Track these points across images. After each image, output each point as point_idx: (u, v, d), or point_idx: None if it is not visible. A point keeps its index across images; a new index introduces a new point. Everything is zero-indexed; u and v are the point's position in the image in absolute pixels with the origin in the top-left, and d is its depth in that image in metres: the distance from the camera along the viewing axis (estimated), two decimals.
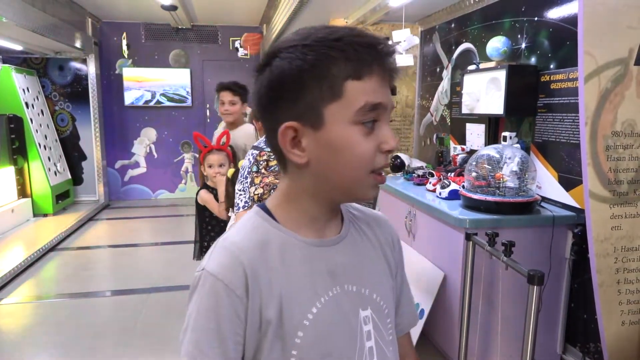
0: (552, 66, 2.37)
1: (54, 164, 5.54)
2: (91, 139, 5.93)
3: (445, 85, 3.60)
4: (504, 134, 2.61)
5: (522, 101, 2.47)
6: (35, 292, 3.43)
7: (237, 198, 1.82)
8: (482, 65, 2.87)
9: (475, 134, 3.06)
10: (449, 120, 3.53)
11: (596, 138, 1.61)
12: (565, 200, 2.28)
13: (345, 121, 0.59)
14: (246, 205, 1.79)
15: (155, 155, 6.37)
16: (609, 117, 1.60)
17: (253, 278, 0.61)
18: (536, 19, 2.49)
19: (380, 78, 0.60)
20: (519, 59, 2.63)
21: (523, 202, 2.15)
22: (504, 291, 2.08)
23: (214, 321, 0.60)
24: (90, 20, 5.52)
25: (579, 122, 1.94)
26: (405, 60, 3.28)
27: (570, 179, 2.26)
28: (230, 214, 2.15)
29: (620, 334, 1.72)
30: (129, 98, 6.11)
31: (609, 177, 1.63)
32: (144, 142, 6.34)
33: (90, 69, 5.74)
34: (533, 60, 2.52)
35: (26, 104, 5.18)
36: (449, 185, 2.46)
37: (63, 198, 5.60)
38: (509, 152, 2.24)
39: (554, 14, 2.36)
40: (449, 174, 2.81)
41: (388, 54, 0.61)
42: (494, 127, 2.83)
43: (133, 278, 3.57)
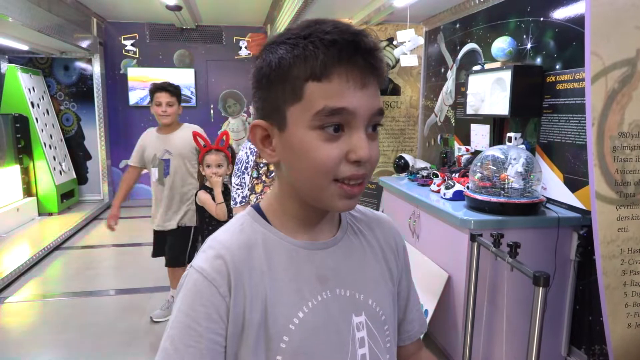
0: (557, 67, 2.36)
1: (59, 163, 5.57)
2: (96, 139, 5.95)
3: (449, 85, 3.59)
4: (509, 134, 2.60)
5: (527, 102, 2.46)
6: (40, 291, 3.45)
7: (233, 192, 1.76)
8: (487, 66, 2.86)
9: (480, 134, 3.04)
10: (453, 120, 3.52)
11: (603, 139, 1.60)
12: (570, 201, 2.27)
13: (305, 125, 0.56)
14: (243, 201, 1.74)
15: None
16: (615, 118, 1.59)
17: (237, 278, 0.59)
18: (542, 19, 2.48)
19: (345, 80, 0.54)
20: (525, 59, 2.62)
21: (528, 203, 2.14)
22: (508, 293, 2.07)
23: (193, 319, 0.58)
24: (95, 20, 5.54)
25: (584, 123, 1.93)
26: (410, 61, 3.27)
27: (575, 180, 2.25)
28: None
29: (626, 337, 1.71)
30: (134, 98, 6.12)
31: (615, 178, 1.62)
32: None
33: (95, 68, 5.77)
34: (538, 60, 2.51)
35: (32, 104, 5.22)
36: (453, 186, 2.45)
37: (68, 197, 5.63)
38: (514, 153, 2.23)
39: (560, 14, 2.35)
40: (453, 175, 2.80)
41: (359, 52, 0.54)
42: (498, 128, 2.82)
43: (137, 277, 3.58)
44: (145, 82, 6.08)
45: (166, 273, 2.88)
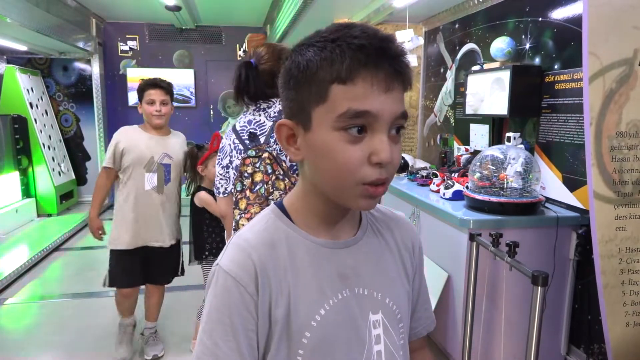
0: (556, 66, 2.37)
1: (58, 164, 5.56)
2: (95, 139, 5.94)
3: (449, 85, 3.60)
4: (508, 134, 2.61)
5: (526, 102, 2.46)
6: (39, 292, 3.44)
7: (217, 181, 1.66)
8: (486, 66, 2.87)
9: (479, 134, 3.05)
10: (452, 120, 3.52)
11: (601, 138, 1.61)
12: (569, 201, 2.27)
13: (329, 126, 0.57)
14: (225, 193, 1.62)
15: None
16: (613, 117, 1.60)
17: (263, 276, 0.61)
18: (540, 19, 2.49)
19: (370, 84, 0.55)
20: (523, 59, 2.62)
21: (527, 203, 2.14)
22: (507, 292, 2.08)
23: (227, 316, 0.60)
24: (94, 20, 5.54)
25: (583, 123, 1.93)
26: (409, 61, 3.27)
27: (574, 180, 2.25)
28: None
29: (625, 335, 1.72)
30: (133, 98, 6.12)
31: (613, 177, 1.63)
32: None
33: (94, 69, 5.76)
34: (537, 60, 2.51)
35: (30, 104, 5.21)
36: (452, 186, 2.46)
37: (67, 198, 5.62)
38: (513, 153, 2.24)
39: (558, 14, 2.36)
40: (452, 175, 2.81)
41: (385, 57, 0.56)
42: (498, 128, 2.82)
43: None
44: None
45: None
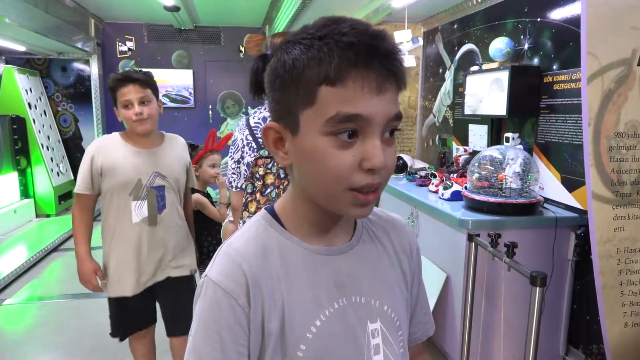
0: (554, 67, 2.37)
1: (57, 164, 5.55)
2: (94, 140, 5.93)
3: (447, 86, 3.60)
4: (507, 135, 2.61)
5: (524, 102, 2.47)
6: (37, 293, 3.44)
7: (229, 175, 1.64)
8: (485, 66, 2.87)
9: (478, 135, 3.05)
10: (451, 121, 3.52)
11: (599, 139, 1.61)
12: (568, 201, 2.27)
13: (317, 130, 0.53)
14: (237, 188, 1.61)
15: None
16: (612, 117, 1.60)
17: (255, 287, 0.57)
18: (539, 19, 2.49)
19: (361, 86, 0.51)
20: (522, 59, 2.62)
21: (526, 203, 2.14)
22: (506, 292, 2.08)
23: (215, 331, 0.56)
24: (93, 21, 5.53)
25: (581, 123, 1.93)
26: (408, 62, 3.28)
27: (573, 180, 2.25)
28: (228, 212, 2.08)
29: (623, 336, 1.72)
30: None
31: (612, 178, 1.63)
32: None
33: (93, 69, 5.75)
34: (536, 61, 2.51)
35: (29, 105, 5.20)
36: (451, 187, 2.46)
37: (65, 199, 5.61)
38: (512, 153, 2.24)
39: (557, 14, 2.36)
40: (451, 175, 2.81)
41: (376, 56, 0.52)
42: (496, 128, 2.82)
43: None
44: None
45: None
